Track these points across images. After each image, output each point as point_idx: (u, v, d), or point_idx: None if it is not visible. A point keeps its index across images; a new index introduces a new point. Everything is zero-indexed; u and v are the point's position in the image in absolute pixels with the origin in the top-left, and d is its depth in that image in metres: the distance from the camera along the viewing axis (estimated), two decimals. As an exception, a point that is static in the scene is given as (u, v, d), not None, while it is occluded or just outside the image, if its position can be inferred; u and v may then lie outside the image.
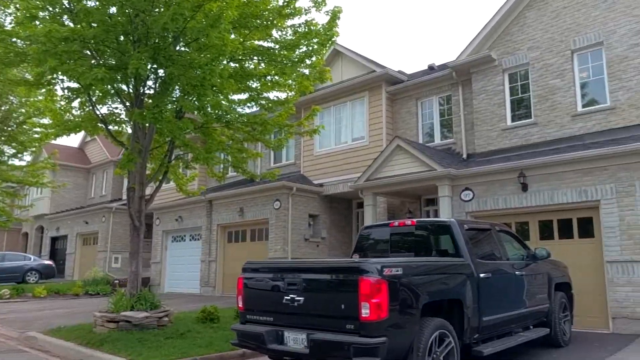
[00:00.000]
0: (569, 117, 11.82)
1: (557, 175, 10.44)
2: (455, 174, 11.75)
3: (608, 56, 11.42)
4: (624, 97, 11.06)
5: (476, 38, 13.48)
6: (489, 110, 13.20)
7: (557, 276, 8.56)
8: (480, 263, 6.65)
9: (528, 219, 11.13)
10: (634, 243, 9.37)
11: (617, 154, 9.63)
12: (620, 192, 9.64)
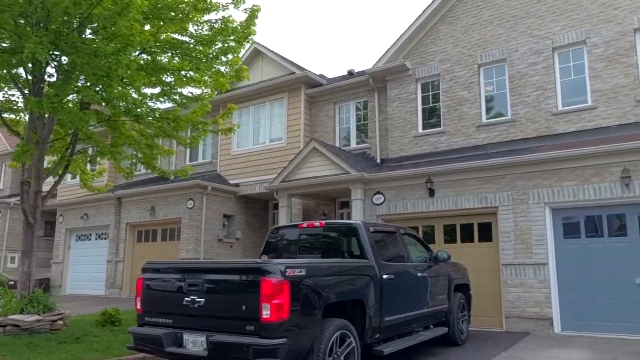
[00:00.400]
0: (474, 127, 12.50)
1: (461, 182, 11.01)
2: (368, 177, 12.05)
3: (510, 72, 12.23)
4: (523, 111, 11.88)
5: (393, 47, 13.92)
6: (402, 118, 13.67)
7: (457, 278, 9.01)
8: (384, 265, 6.84)
9: (434, 223, 11.63)
10: (526, 247, 10.08)
11: (514, 163, 10.33)
12: (516, 199, 10.33)
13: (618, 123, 10.71)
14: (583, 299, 9.60)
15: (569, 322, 9.66)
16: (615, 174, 9.42)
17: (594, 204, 9.72)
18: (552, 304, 9.74)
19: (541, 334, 9.56)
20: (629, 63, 10.79)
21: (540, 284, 9.88)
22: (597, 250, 9.65)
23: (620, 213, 9.58)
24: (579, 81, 11.45)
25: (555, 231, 10.06)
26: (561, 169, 9.95)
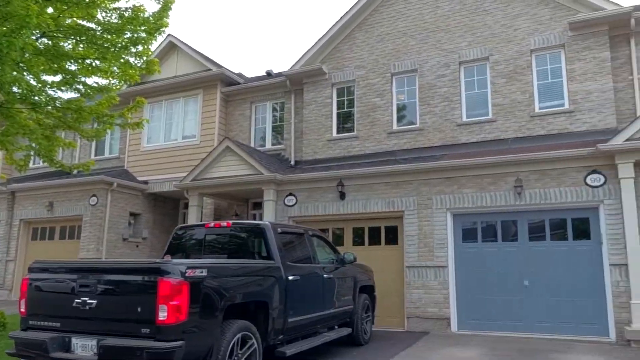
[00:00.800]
0: (385, 133, 12.91)
1: (370, 186, 11.32)
2: (281, 179, 12.05)
3: (420, 83, 12.76)
4: (431, 121, 12.44)
5: (310, 50, 14.04)
6: (317, 121, 13.82)
7: (363, 279, 9.23)
8: (290, 266, 6.85)
9: (344, 225, 11.86)
10: (428, 250, 10.55)
11: (419, 170, 10.79)
12: (421, 204, 10.79)
13: (514, 136, 11.52)
14: (478, 299, 10.20)
15: (464, 321, 10.22)
16: (510, 183, 10.12)
17: (490, 211, 10.37)
18: (450, 305, 10.26)
19: (439, 333, 10.03)
20: (526, 81, 11.65)
21: (440, 285, 10.38)
22: (491, 254, 10.30)
23: (512, 219, 10.30)
24: (482, 95, 12.19)
25: (455, 235, 10.62)
26: (462, 176, 10.53)
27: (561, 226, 9.94)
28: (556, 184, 9.81)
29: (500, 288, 10.07)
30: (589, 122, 10.94)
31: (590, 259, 9.48)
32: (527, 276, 9.90)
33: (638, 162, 9.12)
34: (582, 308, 9.37)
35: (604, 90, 10.91)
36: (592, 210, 9.63)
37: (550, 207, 9.89)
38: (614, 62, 11.16)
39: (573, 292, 9.50)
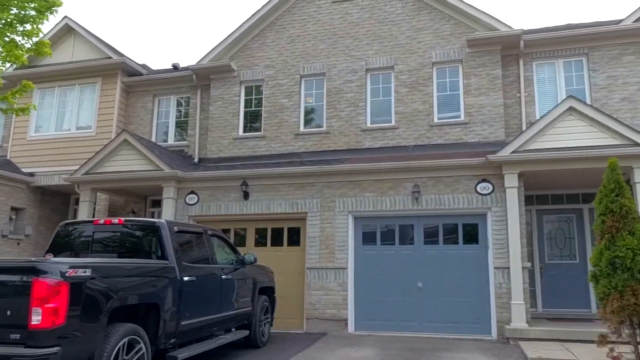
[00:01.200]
0: (292, 135, 12.91)
1: (275, 186, 11.26)
2: (182, 176, 11.62)
3: (328, 86, 12.92)
4: (337, 124, 12.63)
5: (219, 45, 13.71)
6: (224, 118, 13.51)
7: (263, 281, 9.12)
8: (186, 266, 6.59)
9: (247, 226, 11.68)
10: (330, 252, 10.69)
11: (323, 172, 10.91)
12: (324, 206, 10.91)
13: (414, 143, 12.01)
14: (375, 300, 10.48)
15: (361, 322, 10.46)
16: (408, 188, 10.53)
17: (389, 215, 10.72)
18: (348, 306, 10.46)
19: (337, 334, 10.17)
20: (427, 92, 12.21)
21: (340, 287, 10.54)
22: (389, 257, 10.65)
23: (410, 224, 10.72)
24: (386, 102, 12.59)
25: (355, 238, 10.85)
26: (364, 180, 10.80)
27: (453, 231, 10.51)
28: (450, 191, 10.36)
29: (396, 289, 10.43)
30: (481, 134, 11.68)
31: (478, 262, 10.11)
32: (421, 278, 10.34)
33: (522, 173, 9.87)
34: (469, 308, 9.95)
35: (495, 105, 11.71)
36: (480, 217, 10.28)
37: (444, 212, 10.42)
38: (505, 79, 12.03)
39: (462, 293, 10.06)
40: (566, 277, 11.26)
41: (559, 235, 11.62)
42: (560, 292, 11.20)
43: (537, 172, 9.93)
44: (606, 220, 7.12)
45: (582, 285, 10.99)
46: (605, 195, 7.25)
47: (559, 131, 9.70)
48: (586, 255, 11.12)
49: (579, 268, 11.23)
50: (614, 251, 6.90)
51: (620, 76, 11.50)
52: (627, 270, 6.77)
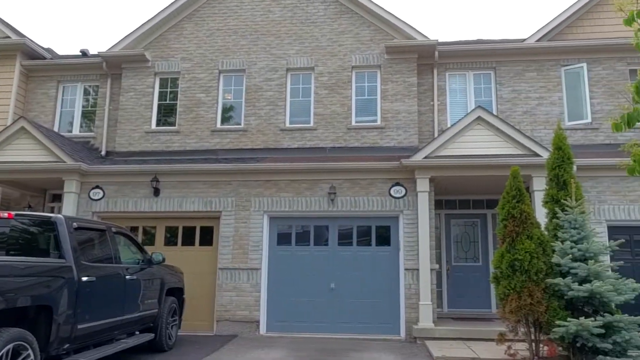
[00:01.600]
0: (208, 131, 12.51)
1: (188, 183, 10.85)
2: (87, 169, 10.87)
3: (248, 83, 12.68)
4: (255, 123, 12.42)
5: (133, 33, 13.01)
6: (135, 110, 12.82)
7: (171, 281, 8.72)
8: (85, 266, 6.11)
9: (156, 224, 11.14)
10: (243, 252, 10.46)
11: (239, 171, 10.69)
12: (239, 206, 10.67)
13: (332, 145, 12.09)
14: (288, 302, 10.40)
15: (273, 323, 10.33)
16: (324, 189, 10.57)
17: (305, 215, 10.69)
18: (260, 307, 10.29)
19: (248, 336, 9.97)
20: (345, 95, 12.33)
21: (252, 288, 10.35)
22: (303, 258, 10.61)
23: (325, 225, 10.76)
24: (306, 103, 12.57)
25: (270, 238, 10.71)
26: (281, 180, 10.70)
27: (367, 233, 10.68)
28: (365, 193, 10.53)
29: (309, 290, 10.41)
30: (396, 139, 11.99)
31: (389, 264, 10.35)
32: (334, 279, 10.40)
33: (433, 178, 10.24)
34: (380, 309, 10.16)
35: (410, 112, 12.07)
36: (393, 219, 10.53)
37: (359, 214, 10.57)
38: (419, 87, 12.44)
39: (373, 294, 10.24)
40: (470, 279, 11.84)
41: (464, 239, 12.20)
42: (465, 292, 11.76)
43: (447, 178, 10.35)
44: (507, 225, 7.55)
45: (484, 287, 11.60)
46: (508, 201, 7.68)
47: (467, 139, 10.17)
48: (489, 258, 11.76)
49: (481, 270, 11.85)
50: (513, 254, 7.32)
51: (523, 91, 12.29)
52: (525, 272, 7.20)
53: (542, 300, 7.05)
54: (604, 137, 11.67)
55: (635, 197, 10.11)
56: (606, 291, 6.67)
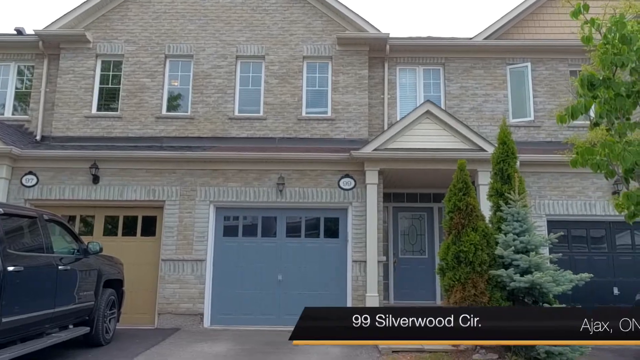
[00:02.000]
0: (153, 118, 12.02)
1: (130, 171, 10.39)
2: (18, 154, 10.19)
3: (195, 70, 12.26)
4: (203, 111, 12.04)
5: (74, 11, 12.29)
6: (74, 94, 12.14)
7: (110, 272, 8.32)
8: (13, 255, 5.69)
9: (95, 213, 10.62)
10: (187, 243, 10.14)
11: (185, 159, 10.34)
12: (184, 195, 10.32)
13: (282, 136, 11.89)
14: (234, 294, 10.16)
15: (218, 316, 10.08)
16: (273, 180, 10.39)
17: (253, 206, 10.48)
18: (205, 300, 10.01)
19: (191, 329, 9.68)
20: (296, 85, 12.16)
21: (197, 279, 10.05)
22: (250, 249, 10.39)
23: (273, 216, 10.58)
24: (255, 92, 12.29)
25: (216, 229, 10.42)
26: (228, 170, 10.43)
27: (315, 224, 10.59)
28: (314, 185, 10.42)
29: (256, 282, 10.22)
30: (346, 131, 11.95)
31: (337, 256, 10.31)
32: (281, 271, 10.25)
33: (382, 170, 10.27)
34: (328, 301, 10.06)
35: (360, 105, 12.05)
36: (342, 211, 10.49)
37: (308, 205, 10.46)
38: (370, 80, 12.44)
39: (321, 286, 10.17)
40: (416, 271, 11.99)
41: (411, 232, 12.34)
42: (411, 284, 11.89)
43: (396, 170, 10.40)
44: (454, 217, 7.63)
45: (429, 279, 11.78)
46: (454, 194, 7.77)
47: (416, 132, 10.26)
48: (434, 251, 11.94)
49: (427, 263, 12.03)
50: (459, 246, 7.41)
51: (470, 87, 12.53)
52: (469, 264, 7.30)
53: (485, 291, 7.19)
54: (546, 135, 12.08)
55: (572, 193, 10.53)
56: (546, 282, 6.86)
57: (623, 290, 10.00)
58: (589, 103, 4.26)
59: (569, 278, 7.17)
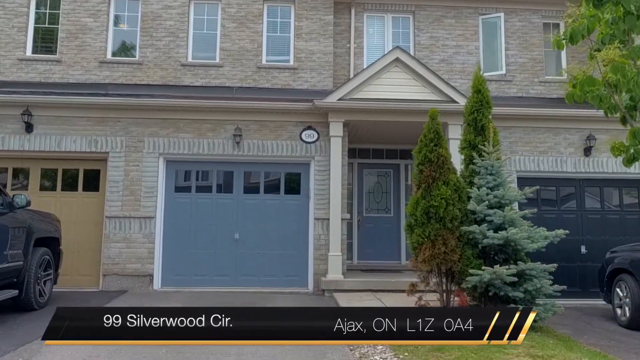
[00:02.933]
0: (97, 62, 10.85)
1: (68, 120, 9.36)
2: (-63, 97, 8.99)
3: (144, 10, 11.06)
4: (152, 56, 10.94)
5: (1, -61, 10.83)
6: (6, 33, 10.80)
7: (43, 230, 7.45)
8: None
9: (30, 165, 9.56)
10: (135, 199, 9.29)
11: (130, 106, 9.36)
12: (130, 146, 9.41)
13: (240, 85, 10.96)
14: (187, 254, 9.44)
15: (170, 277, 9.37)
16: (230, 131, 9.56)
17: (207, 159, 9.67)
18: (155, 260, 9.26)
19: (140, 292, 8.97)
20: (256, 30, 11.17)
21: (145, 238, 9.26)
22: (205, 206, 9.64)
23: (229, 170, 9.81)
24: (211, 37, 11.24)
25: (167, 183, 9.59)
26: (180, 119, 9.54)
27: (275, 180, 9.91)
28: (274, 137, 9.66)
29: (211, 242, 9.52)
30: (309, 82, 11.12)
31: (299, 214, 9.68)
32: (238, 229, 9.57)
33: (347, 122, 9.58)
34: (288, 261, 9.52)
35: (325, 53, 11.21)
36: (304, 166, 9.80)
37: (267, 159, 9.72)
38: (336, 27, 11.56)
39: (281, 245, 9.57)
40: (381, 230, 11.52)
41: (377, 190, 11.80)
42: (375, 244, 11.43)
43: (362, 122, 9.74)
44: (424, 169, 7.05)
45: (394, 238, 11.37)
46: (425, 144, 7.17)
47: (384, 82, 9.55)
48: (400, 209, 11.48)
49: (392, 222, 11.56)
50: (429, 201, 6.86)
51: (441, 38, 11.83)
52: (440, 220, 6.78)
53: (455, 249, 6.70)
54: (517, 90, 11.59)
55: (545, 149, 10.14)
56: (521, 238, 6.42)
57: (590, 249, 9.78)
58: (592, 24, 3.65)
59: (543, 235, 6.76)
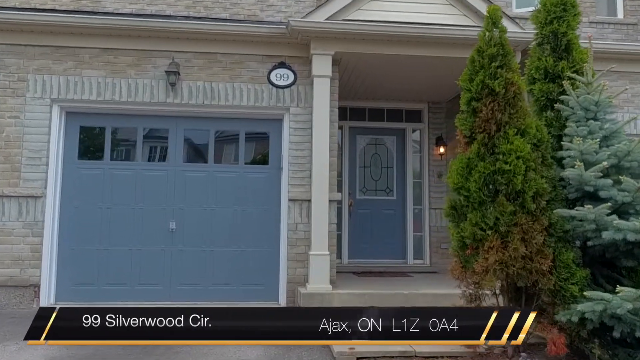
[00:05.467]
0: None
1: None
2: None
3: None
4: (59, -32, 7.63)
5: None
6: None
7: None
8: None
9: None
10: (12, 169, 6.03)
11: (3, 23, 6.05)
12: (5, 88, 6.11)
13: (186, 14, 7.71)
14: (94, 252, 6.27)
15: (67, 288, 6.18)
16: (161, 67, 6.36)
17: (127, 110, 6.46)
18: (44, 262, 6.05)
19: (18, 311, 5.78)
20: (209, -64, 7.94)
21: (27, 229, 6.02)
22: (124, 181, 6.44)
23: (162, 127, 6.63)
24: (145, -54, 7.98)
25: (66, 146, 6.37)
26: (84, 48, 6.29)
27: (231, 142, 6.79)
28: (230, 77, 6.49)
29: (134, 235, 6.36)
30: (284, 12, 7.92)
31: (265, 192, 6.59)
32: (175, 216, 6.43)
33: (338, 59, 6.46)
34: (249, 263, 6.46)
35: (306, -29, 8.05)
36: (273, 123, 6.68)
37: (219, 112, 6.57)
38: (322, -60, 8.40)
39: (239, 239, 6.49)
40: (380, 218, 8.47)
41: (374, 163, 8.73)
42: (372, 237, 8.40)
43: (359, 61, 6.64)
44: (482, 108, 3.98)
45: (398, 229, 8.38)
46: (482, 66, 4.11)
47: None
48: (405, 191, 8.53)
49: (396, 206, 8.53)
50: (494, 163, 3.81)
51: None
52: (515, 196, 3.74)
53: (545, 250, 3.67)
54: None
55: None
56: (680, 231, 3.42)
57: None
58: None
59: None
